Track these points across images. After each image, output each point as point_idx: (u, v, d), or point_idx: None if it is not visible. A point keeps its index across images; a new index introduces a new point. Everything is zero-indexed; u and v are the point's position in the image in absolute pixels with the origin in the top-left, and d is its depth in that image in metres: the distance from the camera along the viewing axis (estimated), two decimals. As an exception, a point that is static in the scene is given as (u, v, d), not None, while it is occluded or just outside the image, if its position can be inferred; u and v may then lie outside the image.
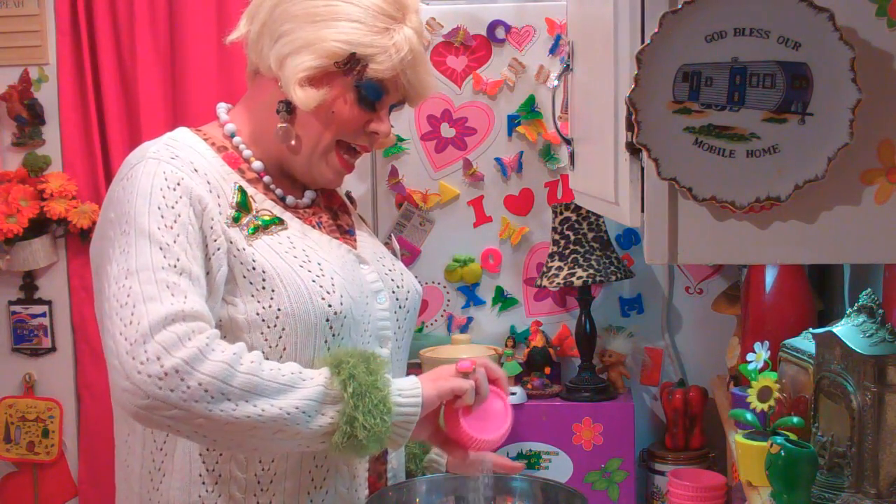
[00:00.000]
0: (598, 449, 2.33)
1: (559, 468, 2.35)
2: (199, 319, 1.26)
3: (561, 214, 2.38)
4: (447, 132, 2.53)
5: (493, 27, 2.49)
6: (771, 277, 1.94)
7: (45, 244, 2.72)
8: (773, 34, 1.02)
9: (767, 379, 1.60)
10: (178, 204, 1.31)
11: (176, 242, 1.28)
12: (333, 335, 1.38)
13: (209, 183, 1.36)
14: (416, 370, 2.32)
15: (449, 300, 2.57)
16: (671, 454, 2.36)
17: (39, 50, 2.72)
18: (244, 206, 1.39)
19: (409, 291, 1.55)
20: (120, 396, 1.23)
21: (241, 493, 1.37)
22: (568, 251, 2.35)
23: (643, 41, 1.07)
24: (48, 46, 2.70)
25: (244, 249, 1.35)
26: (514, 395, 2.33)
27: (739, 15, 1.02)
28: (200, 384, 1.21)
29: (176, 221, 1.30)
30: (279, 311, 1.34)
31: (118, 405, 1.26)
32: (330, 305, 1.37)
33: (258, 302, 1.35)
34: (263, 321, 1.35)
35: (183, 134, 1.44)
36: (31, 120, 2.71)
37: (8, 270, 2.73)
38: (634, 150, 1.09)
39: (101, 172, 2.65)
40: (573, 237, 2.35)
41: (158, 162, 1.34)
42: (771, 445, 1.37)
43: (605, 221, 2.38)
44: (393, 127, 1.53)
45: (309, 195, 1.52)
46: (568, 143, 1.80)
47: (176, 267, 1.27)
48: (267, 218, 1.41)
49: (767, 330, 1.87)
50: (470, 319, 2.57)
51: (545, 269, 2.39)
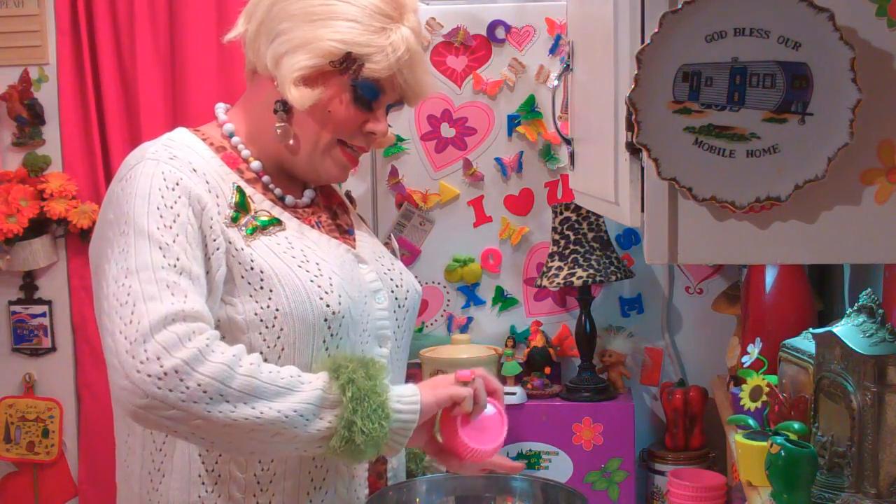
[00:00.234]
0: (598, 449, 2.33)
1: (559, 468, 2.35)
2: (199, 319, 1.26)
3: (561, 214, 2.38)
4: (447, 132, 2.53)
5: (493, 27, 2.49)
6: (771, 277, 1.94)
7: (45, 244, 2.72)
8: (773, 34, 1.02)
9: (758, 379, 1.61)
10: (177, 204, 1.31)
11: (175, 242, 1.28)
12: (332, 335, 1.38)
13: (208, 183, 1.36)
14: (416, 370, 2.33)
15: (449, 300, 2.57)
16: (671, 454, 2.36)
17: (39, 50, 2.72)
18: (242, 206, 1.39)
19: (408, 291, 1.55)
20: (119, 395, 1.23)
21: (240, 493, 1.37)
22: (568, 251, 2.35)
23: (643, 41, 1.07)
24: (48, 46, 2.70)
25: (242, 250, 1.35)
26: (514, 395, 2.33)
27: (739, 15, 1.02)
28: (199, 385, 1.21)
29: (175, 221, 1.29)
30: (277, 311, 1.34)
31: (117, 404, 1.26)
32: (328, 305, 1.37)
33: (256, 302, 1.35)
34: (262, 321, 1.34)
35: (181, 134, 1.43)
36: (31, 120, 2.71)
37: (8, 270, 2.73)
38: (634, 150, 1.09)
39: (101, 172, 2.65)
40: (573, 237, 2.35)
41: (157, 162, 1.34)
42: (771, 445, 1.37)
43: (605, 221, 2.38)
44: (391, 126, 1.53)
45: (308, 195, 1.52)
46: (568, 143, 1.80)
47: (176, 266, 1.27)
48: (265, 219, 1.41)
49: (767, 330, 1.87)
50: (470, 319, 2.56)
51: (545, 269, 2.39)
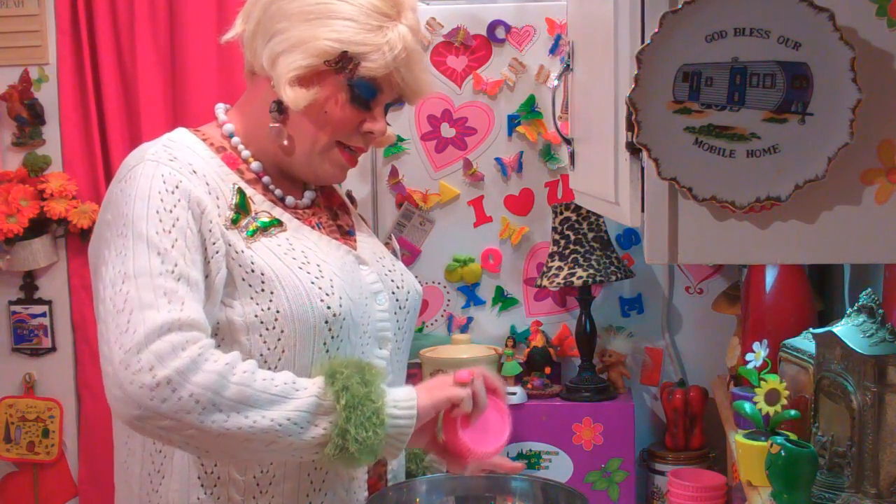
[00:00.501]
0: (598, 449, 2.33)
1: (559, 468, 2.35)
2: (194, 328, 1.25)
3: (561, 214, 2.38)
4: (447, 132, 2.53)
5: (493, 27, 2.49)
6: (771, 277, 1.94)
7: (45, 244, 2.72)
8: (773, 34, 1.02)
9: (775, 382, 1.59)
10: (176, 207, 1.30)
11: (174, 247, 1.28)
12: (332, 337, 1.37)
13: (208, 185, 1.36)
14: (416, 370, 2.33)
15: (449, 300, 2.57)
16: (671, 454, 2.36)
17: (39, 50, 2.72)
18: (243, 207, 1.39)
19: (409, 292, 1.54)
20: (112, 404, 1.23)
21: (239, 495, 1.37)
22: (568, 251, 2.35)
23: (643, 41, 1.07)
24: (48, 46, 2.70)
25: (243, 252, 1.34)
26: (514, 395, 2.33)
27: (739, 15, 1.02)
28: (192, 395, 1.20)
29: (174, 225, 1.29)
30: (278, 313, 1.34)
31: (112, 411, 1.26)
32: (329, 307, 1.36)
33: (257, 304, 1.34)
34: (262, 323, 1.34)
35: (181, 135, 1.43)
36: (31, 120, 2.71)
37: (8, 270, 2.73)
38: (634, 150, 1.09)
39: (101, 172, 2.65)
40: (573, 237, 2.35)
41: (157, 164, 1.33)
42: (771, 445, 1.37)
43: (605, 221, 2.38)
44: (390, 125, 1.52)
45: (308, 195, 1.51)
46: (568, 143, 1.80)
47: (173, 273, 1.26)
48: (265, 220, 1.40)
49: (767, 330, 1.87)
50: (470, 319, 2.56)
51: (545, 269, 2.39)
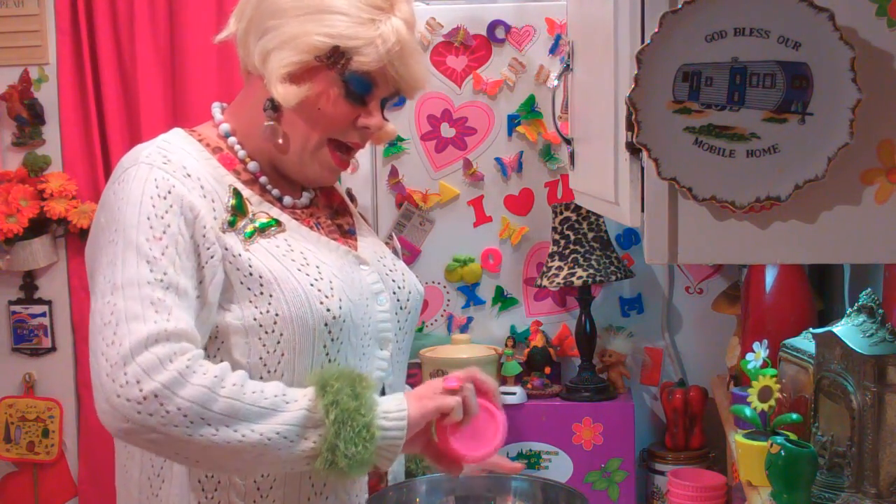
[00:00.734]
0: (598, 449, 2.33)
1: (559, 468, 2.35)
2: (182, 339, 1.23)
3: (561, 214, 2.38)
4: (447, 132, 2.53)
5: (493, 27, 2.49)
6: (771, 277, 1.94)
7: (45, 244, 2.72)
8: (773, 34, 1.02)
9: (768, 378, 1.60)
10: (168, 214, 1.28)
11: (164, 255, 1.26)
12: (332, 339, 1.36)
13: (202, 187, 1.34)
14: (416, 370, 2.33)
15: (449, 300, 2.57)
16: (671, 454, 2.36)
17: (39, 50, 2.72)
18: (240, 209, 1.37)
19: (410, 292, 1.53)
20: (101, 417, 1.22)
21: (240, 499, 1.36)
22: (568, 251, 2.35)
23: (643, 41, 1.07)
24: (48, 46, 2.70)
25: (240, 255, 1.33)
26: (513, 395, 2.33)
27: (739, 15, 1.02)
28: (179, 409, 1.19)
29: (165, 232, 1.27)
30: (277, 316, 1.32)
31: (102, 424, 1.25)
32: (329, 310, 1.35)
33: (255, 307, 1.33)
34: (261, 326, 1.33)
35: (176, 136, 1.41)
36: (31, 120, 2.71)
37: (8, 270, 2.73)
38: (634, 150, 1.09)
39: (101, 172, 2.65)
40: (573, 237, 2.35)
41: (150, 167, 1.32)
42: (771, 445, 1.37)
43: (605, 221, 2.38)
44: (388, 121, 1.50)
45: (307, 195, 1.50)
46: (568, 143, 1.80)
47: (162, 281, 1.25)
48: (264, 221, 1.39)
49: (767, 330, 1.87)
50: (470, 319, 2.56)
51: (545, 268, 2.39)
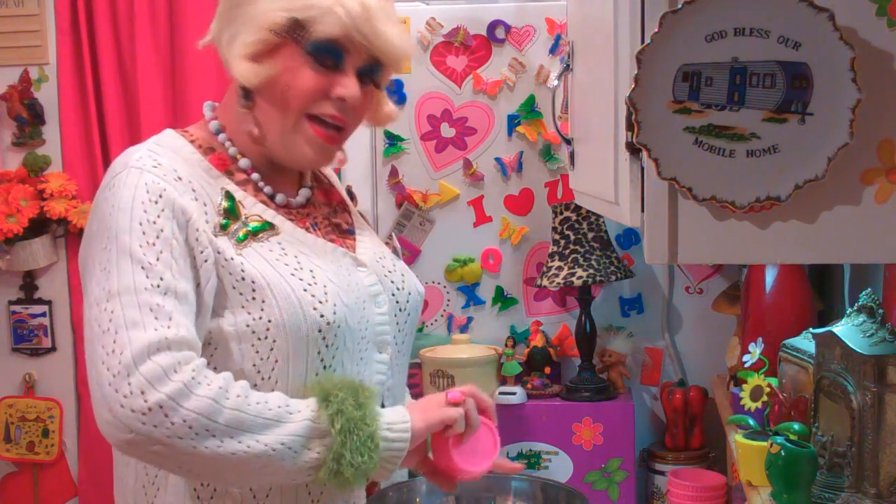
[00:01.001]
0: (598, 449, 2.33)
1: (559, 468, 2.35)
2: (184, 347, 1.22)
3: (561, 214, 2.38)
4: (447, 132, 2.53)
5: (493, 27, 2.49)
6: (771, 277, 1.94)
7: (45, 244, 2.72)
8: (773, 34, 1.02)
9: (759, 379, 1.61)
10: (160, 218, 1.27)
11: (159, 260, 1.25)
12: (327, 346, 1.34)
13: (194, 191, 1.32)
14: (416, 370, 2.34)
15: (449, 300, 2.57)
16: (671, 454, 2.36)
17: (39, 50, 2.72)
18: (232, 212, 1.35)
19: (409, 293, 1.51)
20: (103, 429, 1.20)
21: None
22: (568, 251, 2.35)
23: (643, 41, 1.07)
24: (48, 46, 2.70)
25: (232, 259, 1.31)
26: (513, 395, 2.33)
27: (739, 15, 1.02)
28: (185, 421, 1.18)
29: (158, 237, 1.26)
30: (269, 322, 1.30)
31: (103, 435, 1.24)
32: (322, 315, 1.32)
33: (248, 313, 1.31)
34: (254, 333, 1.31)
35: (168, 137, 1.40)
36: (31, 120, 2.71)
37: (8, 270, 2.73)
38: (634, 150, 1.09)
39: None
40: (573, 237, 2.35)
41: (140, 171, 1.30)
42: (771, 445, 1.37)
43: (605, 221, 2.38)
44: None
45: (304, 194, 1.47)
46: (568, 143, 1.80)
47: (160, 287, 1.23)
48: (257, 224, 1.36)
49: (767, 330, 1.87)
50: (470, 319, 2.56)
51: (545, 268, 2.39)
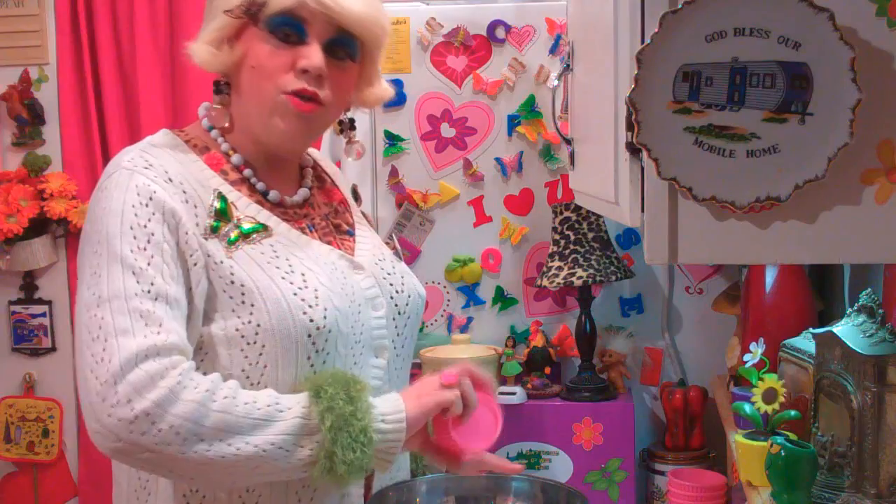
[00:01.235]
0: (598, 449, 2.33)
1: (559, 468, 2.35)
2: (173, 352, 1.22)
3: (561, 214, 2.38)
4: (447, 132, 2.53)
5: (493, 27, 2.49)
6: (771, 277, 1.94)
7: (45, 244, 2.72)
8: (773, 34, 1.02)
9: (773, 381, 1.59)
10: (150, 221, 1.27)
11: (150, 264, 1.24)
12: (317, 351, 1.32)
13: (185, 192, 1.31)
14: (416, 370, 2.33)
15: (449, 300, 2.57)
16: (671, 454, 2.36)
17: (39, 50, 2.72)
18: (224, 214, 1.34)
19: (409, 296, 1.48)
20: (92, 437, 1.20)
21: None
22: (568, 251, 2.35)
23: (643, 41, 1.07)
24: (48, 46, 2.70)
25: (222, 263, 1.30)
26: (513, 395, 2.33)
27: (739, 15, 1.03)
28: (172, 427, 1.18)
29: (149, 241, 1.25)
30: (258, 326, 1.29)
31: (92, 442, 1.24)
32: (312, 320, 1.30)
33: (238, 317, 1.29)
34: (243, 337, 1.29)
35: (162, 138, 1.39)
36: (31, 120, 2.71)
37: (8, 270, 2.73)
38: (634, 150, 1.09)
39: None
40: (573, 237, 2.35)
41: (131, 173, 1.30)
42: (771, 445, 1.37)
43: (605, 221, 2.38)
44: (339, 59, 1.35)
45: (302, 193, 1.45)
46: (568, 143, 1.80)
47: (150, 292, 1.23)
48: (249, 226, 1.35)
49: (767, 330, 1.87)
50: (470, 319, 2.56)
51: (545, 269, 2.39)
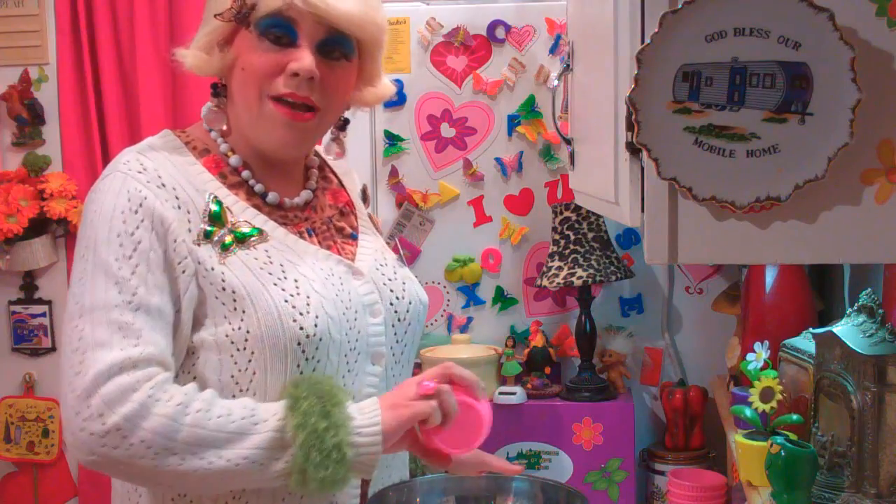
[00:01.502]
0: (598, 449, 2.33)
1: (559, 468, 2.35)
2: (150, 364, 1.22)
3: (561, 214, 2.38)
4: (447, 132, 2.53)
5: (493, 27, 2.49)
6: (771, 277, 1.94)
7: (45, 244, 2.72)
8: (773, 34, 1.02)
9: (770, 379, 1.60)
10: (138, 229, 1.26)
11: (134, 273, 1.24)
12: (307, 359, 1.30)
13: (177, 198, 1.31)
14: (416, 370, 2.33)
15: (449, 300, 2.57)
16: (671, 454, 2.36)
17: (39, 50, 2.72)
18: (218, 218, 1.33)
19: (410, 303, 1.46)
20: (69, 449, 1.22)
21: None
22: (568, 251, 2.35)
23: (643, 41, 1.07)
24: (48, 46, 2.70)
25: (213, 269, 1.29)
26: (513, 395, 2.33)
27: (739, 15, 1.03)
28: (143, 441, 1.18)
29: (136, 249, 1.25)
30: (248, 333, 1.27)
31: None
32: (302, 328, 1.29)
33: (229, 324, 1.29)
34: (233, 343, 1.29)
35: (162, 140, 1.39)
36: (31, 120, 2.71)
37: (8, 270, 2.73)
38: (634, 150, 1.09)
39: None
40: (573, 237, 2.35)
41: (125, 177, 1.30)
42: (771, 445, 1.37)
43: (605, 221, 2.38)
44: (335, 60, 1.34)
45: (304, 195, 1.44)
46: (568, 143, 1.80)
47: (131, 303, 1.23)
48: (244, 230, 1.34)
49: (767, 330, 1.87)
50: (470, 319, 2.56)
51: (545, 269, 2.39)
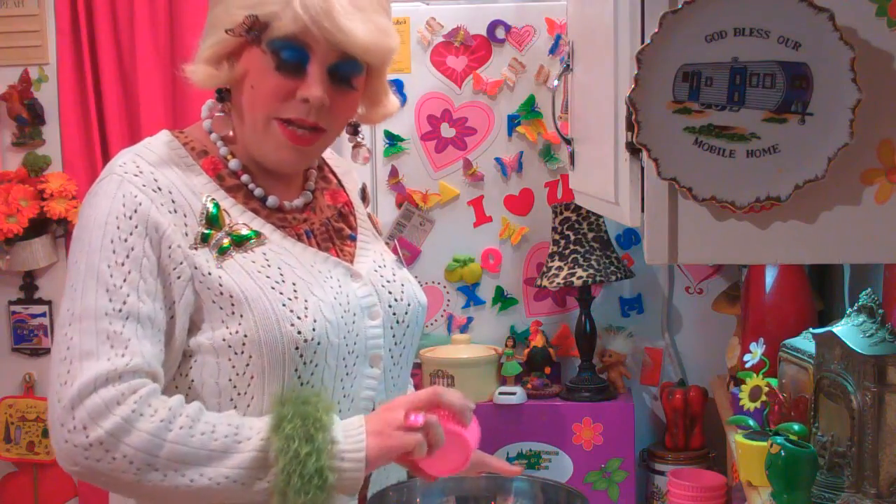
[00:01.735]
0: (598, 449, 2.33)
1: (559, 468, 2.35)
2: (136, 375, 1.21)
3: (561, 214, 2.38)
4: (447, 132, 2.53)
5: (493, 27, 2.49)
6: (771, 277, 1.94)
7: (45, 244, 2.72)
8: (773, 34, 1.02)
9: (757, 379, 1.62)
10: (132, 235, 1.26)
11: (126, 281, 1.24)
12: (304, 363, 1.30)
13: (174, 202, 1.30)
14: (416, 370, 2.33)
15: (449, 300, 2.57)
16: (671, 454, 2.36)
17: (39, 50, 2.72)
18: (215, 221, 1.32)
19: (409, 305, 1.45)
20: (56, 457, 1.22)
21: None
22: (568, 251, 2.35)
23: (643, 41, 1.07)
24: (48, 46, 2.70)
25: (209, 274, 1.29)
26: (513, 395, 2.33)
27: (739, 15, 1.03)
28: (125, 456, 1.18)
29: (129, 256, 1.25)
30: (245, 337, 1.27)
31: None
32: (299, 332, 1.28)
33: (226, 328, 1.28)
34: (230, 347, 1.28)
35: (160, 141, 1.38)
36: (31, 120, 2.71)
37: (8, 270, 2.73)
38: (634, 150, 1.09)
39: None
40: (573, 237, 2.35)
41: (121, 181, 1.30)
42: (771, 445, 1.37)
43: (605, 221, 2.38)
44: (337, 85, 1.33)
45: (303, 197, 1.43)
46: (568, 143, 1.80)
47: (121, 311, 1.23)
48: (242, 233, 1.33)
49: (767, 330, 1.87)
50: (470, 319, 2.56)
51: (545, 269, 2.39)
